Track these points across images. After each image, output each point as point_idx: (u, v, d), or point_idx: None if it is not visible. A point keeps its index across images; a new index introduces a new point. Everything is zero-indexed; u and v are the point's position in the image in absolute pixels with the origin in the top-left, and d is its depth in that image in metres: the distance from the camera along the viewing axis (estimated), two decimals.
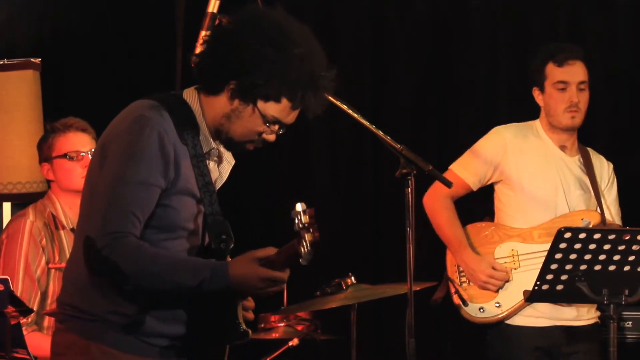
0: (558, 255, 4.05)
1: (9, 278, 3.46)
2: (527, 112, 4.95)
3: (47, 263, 4.36)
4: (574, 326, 4.72)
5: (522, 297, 4.66)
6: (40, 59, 5.15)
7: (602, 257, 4.05)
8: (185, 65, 3.60)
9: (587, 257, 4.05)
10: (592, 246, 4.03)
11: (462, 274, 4.77)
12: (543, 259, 4.41)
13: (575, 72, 4.75)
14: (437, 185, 4.82)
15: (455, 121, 6.05)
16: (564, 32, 5.98)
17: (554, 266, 4.08)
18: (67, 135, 4.46)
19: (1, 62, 5.10)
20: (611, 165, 4.92)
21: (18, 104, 5.06)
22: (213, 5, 3.83)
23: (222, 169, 3.30)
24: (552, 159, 4.79)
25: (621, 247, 4.04)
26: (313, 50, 3.19)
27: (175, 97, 3.23)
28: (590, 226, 4.63)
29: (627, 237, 4.04)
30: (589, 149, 4.89)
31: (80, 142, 4.45)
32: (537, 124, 4.86)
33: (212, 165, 3.25)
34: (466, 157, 4.86)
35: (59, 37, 5.87)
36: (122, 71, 5.91)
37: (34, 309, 4.25)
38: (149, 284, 3.03)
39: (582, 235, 4.02)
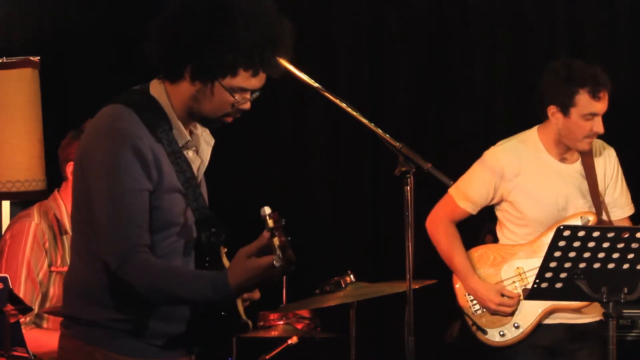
0: (557, 254, 4.05)
1: (8, 276, 3.46)
2: (526, 110, 4.94)
3: (50, 266, 4.35)
4: (578, 324, 4.72)
5: (538, 312, 4.67)
6: (39, 57, 5.14)
7: (601, 255, 4.05)
8: None
9: (586, 255, 4.05)
10: (591, 244, 4.03)
11: (474, 301, 4.77)
12: None
13: (605, 103, 4.64)
14: (437, 210, 4.85)
15: (454, 119, 6.05)
16: (563, 31, 5.98)
17: (553, 264, 4.07)
18: None
19: (0, 61, 5.10)
20: (613, 152, 4.84)
21: (17, 102, 5.05)
22: None
23: (202, 154, 3.27)
24: (550, 177, 4.72)
25: (620, 245, 4.04)
26: (259, 12, 3.11)
27: (142, 95, 3.19)
28: (590, 224, 4.63)
29: (626, 235, 4.04)
30: None
31: None
32: (535, 136, 4.77)
33: (191, 154, 3.21)
34: (463, 183, 4.80)
35: (57, 35, 5.86)
36: (121, 69, 5.90)
37: (35, 310, 4.25)
38: (162, 301, 3.08)
39: (581, 233, 4.02)
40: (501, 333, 4.72)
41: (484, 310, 4.74)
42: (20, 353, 3.59)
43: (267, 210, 2.95)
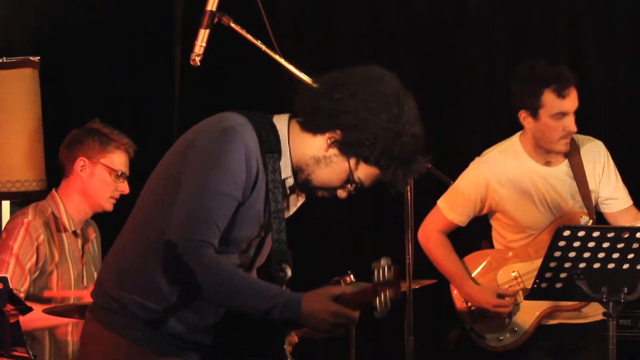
0: (557, 254, 4.06)
1: (7, 276, 3.46)
2: None
3: (45, 263, 4.35)
4: (578, 324, 4.71)
5: (535, 315, 4.66)
6: (39, 57, 5.14)
7: (601, 255, 4.05)
8: (184, 63, 3.58)
9: (586, 255, 4.05)
10: (591, 244, 4.03)
11: (471, 307, 4.76)
12: None
13: (573, 100, 4.58)
14: (427, 222, 4.85)
15: (454, 120, 6.05)
16: (563, 31, 5.98)
17: (553, 264, 4.08)
18: (123, 154, 4.50)
19: (0, 61, 5.10)
20: (601, 146, 4.77)
21: (16, 102, 5.05)
22: (212, 4, 3.83)
23: (291, 201, 3.30)
24: (536, 183, 4.70)
25: (620, 245, 4.05)
26: (418, 132, 3.19)
27: (265, 118, 3.21)
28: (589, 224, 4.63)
29: (626, 235, 4.04)
30: (573, 137, 4.72)
31: (127, 166, 4.49)
32: (517, 144, 4.75)
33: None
34: (451, 195, 4.80)
35: (57, 35, 5.86)
36: (121, 69, 5.91)
37: (22, 295, 4.25)
38: (221, 298, 3.05)
39: (581, 233, 4.03)
40: (499, 338, 4.71)
41: (482, 315, 4.74)
42: (20, 353, 3.59)
43: (387, 261, 3.04)
